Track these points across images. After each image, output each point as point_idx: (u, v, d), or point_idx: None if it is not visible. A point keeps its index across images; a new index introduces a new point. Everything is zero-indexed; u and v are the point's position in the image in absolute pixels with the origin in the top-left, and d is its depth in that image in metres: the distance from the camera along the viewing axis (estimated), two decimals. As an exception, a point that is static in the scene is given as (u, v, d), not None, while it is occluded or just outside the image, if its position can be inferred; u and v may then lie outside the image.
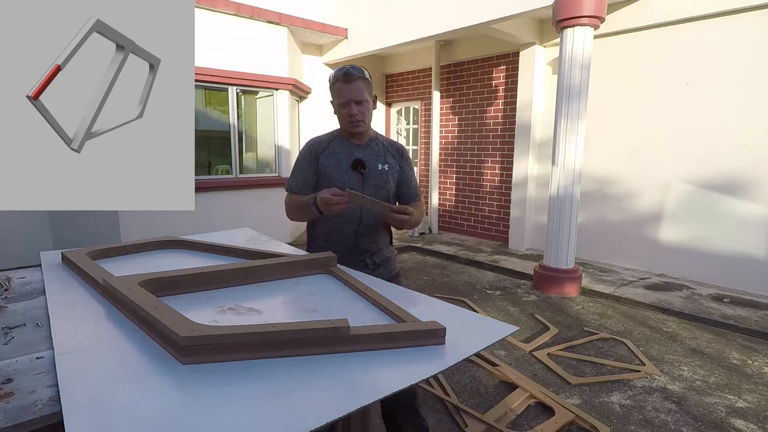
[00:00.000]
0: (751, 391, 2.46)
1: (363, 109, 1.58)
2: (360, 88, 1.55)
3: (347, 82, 1.54)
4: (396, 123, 7.70)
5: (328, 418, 0.61)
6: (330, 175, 1.62)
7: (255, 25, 5.37)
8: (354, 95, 1.55)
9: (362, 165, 1.62)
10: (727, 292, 4.01)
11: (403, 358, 0.80)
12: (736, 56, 3.90)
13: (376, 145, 1.69)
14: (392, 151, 1.72)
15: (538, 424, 2.11)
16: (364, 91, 1.56)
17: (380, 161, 1.67)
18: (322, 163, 1.64)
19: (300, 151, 1.71)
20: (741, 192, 4.00)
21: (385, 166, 1.66)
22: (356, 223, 1.63)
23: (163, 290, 1.05)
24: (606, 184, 4.88)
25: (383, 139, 1.75)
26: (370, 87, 1.60)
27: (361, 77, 1.56)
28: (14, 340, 0.88)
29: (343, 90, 1.56)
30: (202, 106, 5.53)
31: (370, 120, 1.65)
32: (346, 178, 1.61)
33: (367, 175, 1.63)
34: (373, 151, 1.67)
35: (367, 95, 1.58)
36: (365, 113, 1.59)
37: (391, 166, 1.68)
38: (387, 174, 1.66)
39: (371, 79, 1.62)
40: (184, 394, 0.68)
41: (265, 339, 0.78)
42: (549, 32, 5.05)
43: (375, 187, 1.63)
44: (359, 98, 1.56)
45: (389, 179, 1.67)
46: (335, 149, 1.65)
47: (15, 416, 0.63)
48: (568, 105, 3.81)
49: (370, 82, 1.61)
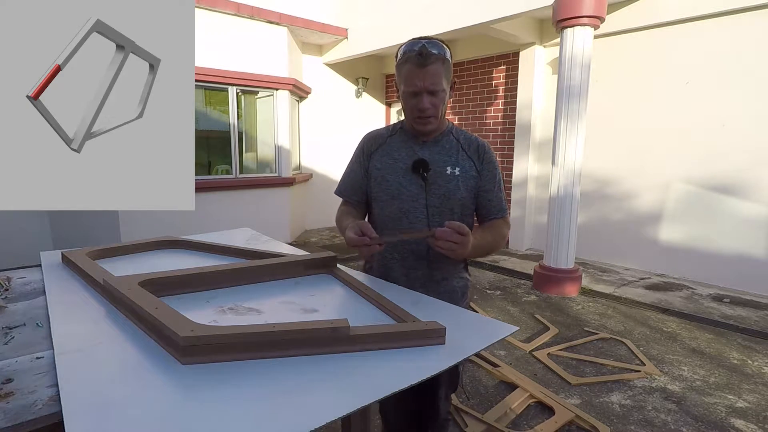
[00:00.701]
0: (751, 391, 2.46)
1: (437, 101, 1.21)
2: (437, 74, 1.17)
3: (421, 65, 1.16)
4: (396, 123, 7.68)
5: (328, 418, 0.61)
6: (382, 179, 1.32)
7: (255, 25, 5.37)
8: (428, 83, 1.17)
9: (425, 166, 1.26)
10: (727, 292, 4.01)
11: (403, 358, 0.80)
12: (736, 56, 3.90)
13: (449, 142, 1.32)
14: (469, 150, 1.32)
15: (538, 424, 2.11)
16: (441, 77, 1.18)
17: (450, 163, 1.29)
18: (374, 164, 1.34)
19: (354, 151, 1.43)
20: (741, 192, 4.00)
21: (456, 169, 1.29)
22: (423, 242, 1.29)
23: (163, 290, 1.05)
24: (606, 184, 4.88)
25: (459, 134, 1.34)
26: (449, 70, 1.22)
27: (441, 58, 1.18)
28: (14, 340, 0.88)
29: (413, 75, 1.18)
30: (202, 106, 5.53)
31: (444, 112, 1.29)
32: (402, 182, 1.29)
33: (431, 180, 1.27)
34: (443, 150, 1.31)
35: (445, 83, 1.20)
36: (439, 106, 1.22)
37: (464, 169, 1.29)
38: (457, 180, 1.28)
39: (452, 58, 1.24)
40: (184, 394, 0.68)
41: (265, 339, 0.78)
42: (549, 32, 5.05)
43: (440, 197, 1.28)
44: (434, 87, 1.18)
45: (460, 186, 1.28)
46: (394, 146, 1.34)
47: (15, 416, 0.63)
48: (568, 105, 3.81)
49: (450, 62, 1.22)
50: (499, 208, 1.34)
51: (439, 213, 1.28)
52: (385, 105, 7.66)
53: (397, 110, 7.67)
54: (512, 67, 5.55)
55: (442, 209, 1.28)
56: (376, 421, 2.18)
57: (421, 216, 1.28)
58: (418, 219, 1.28)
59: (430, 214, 1.28)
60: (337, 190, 1.43)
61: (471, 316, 1.04)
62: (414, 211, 1.29)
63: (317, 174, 6.97)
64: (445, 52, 1.20)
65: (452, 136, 1.33)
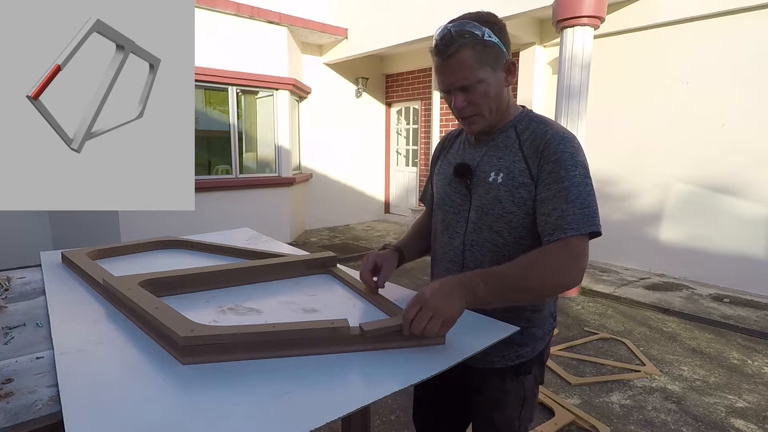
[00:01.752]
0: (751, 391, 2.46)
1: (475, 96, 0.97)
2: (465, 65, 0.94)
3: (444, 58, 0.95)
4: (396, 123, 7.70)
5: (328, 418, 0.61)
6: (435, 185, 1.18)
7: (255, 25, 5.37)
8: (455, 78, 0.96)
9: (467, 172, 1.05)
10: (727, 292, 4.01)
11: (402, 358, 0.80)
12: (736, 56, 3.90)
13: (505, 139, 1.03)
14: (529, 148, 0.99)
15: (539, 424, 2.11)
16: (473, 67, 0.94)
17: (496, 167, 1.01)
18: (436, 170, 1.20)
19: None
20: (741, 192, 4.00)
21: (499, 175, 1.00)
22: (460, 262, 1.08)
23: (163, 290, 1.05)
24: (606, 184, 4.88)
25: (527, 127, 1.02)
26: (488, 53, 0.95)
27: (469, 43, 0.93)
28: (14, 340, 0.88)
29: (438, 71, 0.99)
30: (202, 106, 5.53)
31: (500, 103, 1.01)
32: (447, 190, 1.12)
33: (473, 188, 1.05)
34: (495, 150, 1.04)
35: (484, 71, 0.95)
36: (480, 102, 0.97)
37: (510, 175, 0.99)
38: (498, 189, 1.00)
39: (496, 33, 0.96)
40: (184, 394, 0.68)
41: (265, 339, 0.78)
42: (549, 32, 5.05)
43: (479, 211, 1.04)
44: (464, 82, 0.95)
45: (501, 198, 1.00)
46: (455, 147, 1.16)
47: (15, 416, 0.63)
48: (568, 105, 3.81)
49: (494, 41, 0.95)
50: (557, 225, 0.91)
51: (476, 230, 1.05)
52: (385, 105, 7.67)
53: (397, 110, 7.68)
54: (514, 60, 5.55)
55: (480, 226, 1.04)
56: (376, 421, 2.18)
57: (460, 232, 1.09)
58: (457, 235, 1.09)
59: (467, 231, 1.07)
60: (421, 196, 1.32)
61: (471, 315, 1.04)
62: (455, 224, 1.10)
63: (317, 174, 6.98)
64: (481, 32, 0.93)
65: (513, 132, 1.03)
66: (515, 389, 1.11)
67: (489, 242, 1.04)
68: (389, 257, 1.14)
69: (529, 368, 1.11)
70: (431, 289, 0.81)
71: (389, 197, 7.97)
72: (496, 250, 1.03)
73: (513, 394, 1.11)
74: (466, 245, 1.07)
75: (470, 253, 1.06)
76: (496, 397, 1.11)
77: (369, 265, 1.09)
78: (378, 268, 1.11)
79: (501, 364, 1.09)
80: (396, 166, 7.80)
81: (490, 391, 1.11)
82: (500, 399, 1.11)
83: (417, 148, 7.27)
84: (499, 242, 1.02)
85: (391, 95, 7.52)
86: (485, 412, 1.14)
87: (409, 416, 1.38)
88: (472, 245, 1.06)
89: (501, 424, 1.12)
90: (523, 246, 1.01)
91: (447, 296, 0.80)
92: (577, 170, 0.94)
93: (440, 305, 0.79)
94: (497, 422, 1.12)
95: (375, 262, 1.10)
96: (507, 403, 1.11)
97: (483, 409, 1.14)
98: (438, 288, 0.81)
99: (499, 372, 1.10)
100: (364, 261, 1.11)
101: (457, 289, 0.82)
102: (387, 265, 1.11)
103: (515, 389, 1.11)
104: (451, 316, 0.80)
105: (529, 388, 1.12)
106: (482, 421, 1.15)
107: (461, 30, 0.93)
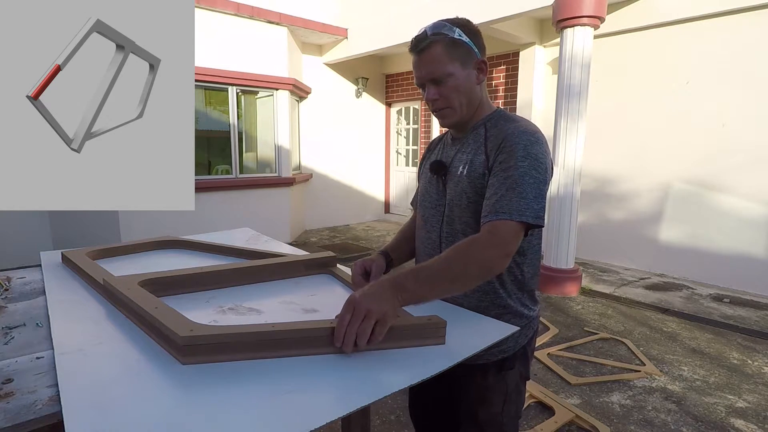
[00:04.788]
0: (751, 391, 2.46)
1: (445, 89, 1.03)
2: (436, 59, 1.01)
3: (417, 53, 1.03)
4: (396, 123, 7.70)
5: (328, 418, 0.61)
6: (419, 187, 1.24)
7: (255, 25, 5.38)
8: (426, 71, 1.03)
9: (441, 168, 1.12)
10: (727, 292, 4.01)
11: (403, 358, 0.80)
12: (736, 56, 3.90)
13: (475, 137, 1.09)
14: (491, 143, 1.04)
15: (538, 424, 2.11)
16: (444, 60, 1.00)
17: (464, 161, 1.08)
18: (421, 173, 1.25)
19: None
20: (741, 192, 4.00)
21: (465, 168, 1.06)
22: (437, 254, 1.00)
23: (163, 290, 1.05)
24: (606, 184, 4.88)
25: (495, 125, 1.08)
26: (459, 50, 1.02)
27: (441, 40, 1.00)
28: (14, 340, 0.88)
29: (413, 65, 1.06)
30: (202, 106, 5.53)
31: (472, 99, 1.07)
32: (427, 187, 1.18)
33: (447, 183, 1.12)
34: (466, 146, 1.10)
35: (454, 65, 1.01)
36: (450, 95, 1.03)
37: (473, 167, 1.05)
38: (463, 181, 1.06)
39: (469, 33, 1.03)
40: (184, 394, 0.68)
41: (265, 339, 0.78)
42: (549, 32, 5.05)
43: (450, 204, 1.10)
44: (434, 75, 1.02)
45: (466, 189, 1.06)
46: (438, 149, 1.22)
47: (15, 416, 0.63)
48: (568, 105, 3.81)
49: (463, 41, 1.02)
50: (492, 209, 0.94)
51: (449, 222, 1.11)
52: (385, 105, 7.67)
53: (397, 110, 7.68)
54: (512, 67, 5.56)
55: (452, 218, 1.09)
56: (376, 421, 2.18)
57: (437, 226, 1.14)
58: (434, 229, 1.14)
59: (443, 225, 1.13)
60: (411, 200, 1.33)
61: (471, 315, 1.04)
62: (432, 219, 1.16)
63: (317, 174, 6.98)
64: (450, 31, 1.01)
65: (483, 129, 1.08)
66: (498, 385, 1.11)
67: (461, 233, 1.08)
68: (377, 260, 1.18)
69: (512, 363, 1.11)
70: (361, 291, 0.82)
71: (389, 197, 7.97)
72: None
73: (496, 390, 1.11)
74: (442, 238, 1.12)
75: (446, 245, 1.10)
76: (480, 394, 1.12)
77: (359, 270, 1.13)
78: (368, 272, 1.14)
79: (483, 360, 1.09)
80: (396, 166, 7.80)
81: (474, 388, 1.12)
82: (484, 395, 1.12)
83: (417, 148, 7.27)
84: (469, 232, 1.05)
85: (391, 95, 7.52)
86: (469, 409, 1.14)
87: (410, 416, 1.38)
88: (446, 237, 1.10)
89: (485, 421, 1.12)
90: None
91: (377, 295, 0.81)
92: (526, 161, 0.97)
93: (371, 305, 0.79)
94: (482, 419, 1.12)
95: (364, 267, 1.14)
96: (491, 399, 1.12)
97: (467, 405, 1.14)
98: (367, 289, 0.83)
99: (482, 368, 1.10)
100: (353, 269, 1.14)
101: (387, 287, 0.83)
102: (376, 267, 1.14)
103: (498, 385, 1.11)
104: (383, 314, 0.79)
105: (512, 383, 1.13)
106: (467, 418, 1.15)
107: (435, 30, 1.02)
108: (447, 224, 1.11)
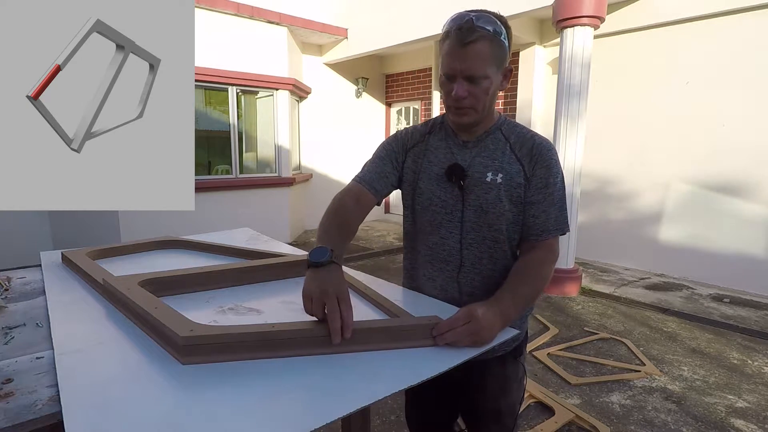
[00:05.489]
0: (751, 391, 2.46)
1: (478, 90, 0.97)
2: (480, 56, 0.94)
3: (461, 44, 0.94)
4: (396, 123, 7.70)
5: (328, 418, 0.61)
6: (415, 184, 1.13)
7: (255, 25, 5.37)
8: (466, 66, 0.95)
9: (461, 173, 1.06)
10: (727, 292, 4.01)
11: (402, 359, 0.80)
12: (736, 56, 3.90)
13: (494, 141, 1.07)
14: (520, 150, 1.06)
15: (538, 424, 2.11)
16: (487, 60, 0.95)
17: (492, 168, 1.05)
18: (408, 164, 1.14)
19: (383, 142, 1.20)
20: (741, 192, 4.00)
21: (498, 175, 1.04)
22: (457, 261, 1.09)
23: (163, 290, 1.05)
24: (606, 184, 4.88)
25: (511, 131, 1.08)
26: (501, 54, 0.97)
27: (489, 36, 0.93)
28: (14, 340, 0.88)
29: (451, 55, 0.96)
30: (202, 106, 5.53)
31: (492, 104, 1.04)
32: (435, 190, 1.09)
33: (467, 189, 1.06)
34: (486, 151, 1.07)
35: (492, 69, 0.96)
36: (480, 97, 0.98)
37: (508, 176, 1.04)
38: (499, 189, 1.04)
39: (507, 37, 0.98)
40: (184, 394, 0.68)
41: (265, 339, 0.78)
42: (549, 32, 5.05)
43: (477, 210, 1.06)
44: (474, 72, 0.95)
45: (502, 197, 1.04)
46: (432, 145, 1.13)
47: (15, 416, 0.63)
48: (568, 105, 3.81)
49: (506, 44, 0.97)
50: (543, 228, 1.03)
51: (476, 229, 1.07)
52: (385, 105, 7.67)
53: (397, 110, 7.68)
54: (512, 66, 5.56)
55: (480, 224, 1.06)
56: (376, 421, 2.18)
57: (455, 232, 1.09)
58: (452, 235, 1.09)
59: (464, 230, 1.08)
60: (358, 177, 1.16)
61: (471, 316, 1.04)
62: (447, 224, 1.10)
63: (317, 174, 6.98)
64: (500, 31, 0.95)
65: (500, 134, 1.07)
66: (514, 371, 1.17)
67: (489, 239, 1.09)
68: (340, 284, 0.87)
69: (522, 349, 1.19)
70: (482, 312, 0.86)
71: (389, 197, 7.97)
72: (495, 245, 1.09)
73: (513, 377, 1.17)
74: (463, 244, 1.09)
75: (468, 252, 1.10)
76: (501, 384, 1.16)
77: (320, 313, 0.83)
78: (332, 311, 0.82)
79: (502, 352, 1.13)
80: (396, 166, 7.79)
81: (494, 380, 1.15)
82: (504, 385, 1.16)
83: (417, 148, 7.27)
84: (499, 238, 1.08)
85: (391, 95, 7.52)
86: (491, 402, 1.17)
87: (405, 418, 1.39)
88: (470, 244, 1.09)
89: (506, 412, 1.18)
90: (514, 240, 1.10)
91: (492, 325, 0.86)
92: (558, 177, 1.08)
93: (484, 331, 0.84)
94: (503, 410, 1.17)
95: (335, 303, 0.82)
96: (510, 389, 1.17)
97: (490, 399, 1.17)
98: (488, 312, 0.87)
99: (501, 359, 1.14)
100: (314, 310, 0.83)
101: (498, 320, 0.88)
102: (344, 308, 0.82)
103: (514, 371, 1.17)
104: (485, 342, 0.85)
105: (522, 369, 1.19)
106: (490, 410, 1.18)
107: (483, 22, 0.94)
108: (472, 230, 1.08)
